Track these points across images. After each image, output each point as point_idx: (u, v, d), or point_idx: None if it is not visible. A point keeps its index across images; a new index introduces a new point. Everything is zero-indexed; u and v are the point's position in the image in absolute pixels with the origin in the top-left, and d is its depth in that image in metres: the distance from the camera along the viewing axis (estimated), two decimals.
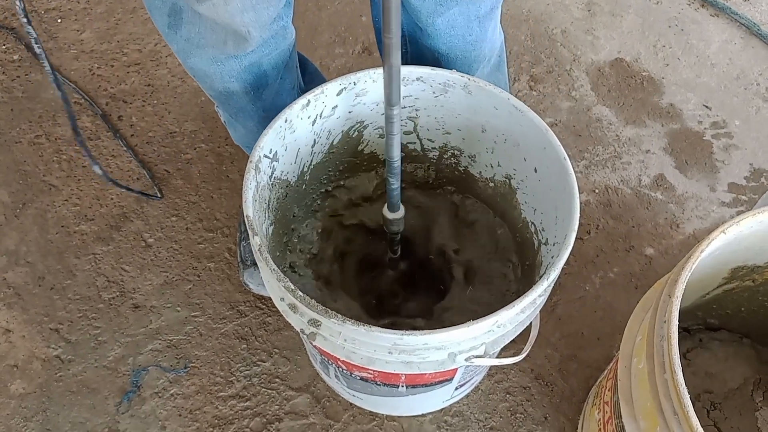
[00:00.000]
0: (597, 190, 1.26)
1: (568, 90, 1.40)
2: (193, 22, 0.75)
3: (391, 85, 0.65)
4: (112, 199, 1.23)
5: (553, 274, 0.69)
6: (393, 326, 0.73)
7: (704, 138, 1.34)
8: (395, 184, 0.78)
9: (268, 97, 0.91)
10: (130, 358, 1.08)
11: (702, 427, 0.59)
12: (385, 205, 0.84)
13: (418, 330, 0.64)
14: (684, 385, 0.61)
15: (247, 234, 1.09)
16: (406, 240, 0.95)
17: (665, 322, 0.65)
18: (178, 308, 1.12)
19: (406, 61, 0.87)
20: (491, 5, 0.88)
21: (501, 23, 0.98)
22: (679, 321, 0.95)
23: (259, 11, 0.74)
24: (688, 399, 0.60)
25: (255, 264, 1.08)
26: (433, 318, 0.95)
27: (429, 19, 0.85)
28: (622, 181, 1.28)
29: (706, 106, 1.38)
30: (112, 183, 0.96)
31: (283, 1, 0.78)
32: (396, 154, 0.74)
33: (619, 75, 1.42)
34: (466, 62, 0.92)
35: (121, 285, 1.14)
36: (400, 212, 0.84)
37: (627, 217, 1.23)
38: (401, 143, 0.94)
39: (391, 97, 0.67)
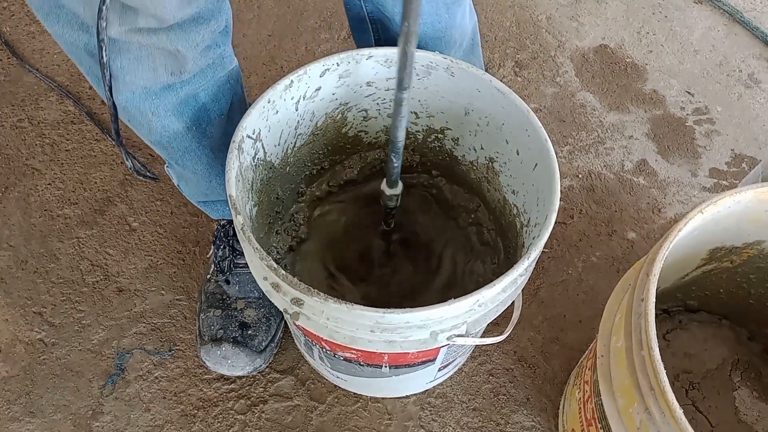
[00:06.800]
0: (580, 175, 1.27)
1: (553, 76, 1.40)
2: (113, 59, 0.69)
3: (404, 70, 0.66)
4: (95, 183, 1.23)
5: (534, 254, 0.69)
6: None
7: (686, 124, 1.35)
8: (397, 162, 0.79)
9: (214, 135, 0.85)
10: (114, 341, 1.08)
11: (680, 406, 0.60)
12: (384, 181, 0.85)
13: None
14: (660, 361, 0.61)
15: (207, 305, 1.05)
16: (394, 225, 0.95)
17: (643, 300, 0.66)
18: (163, 292, 1.12)
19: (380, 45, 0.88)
20: None
21: (483, 9, 0.97)
22: (659, 302, 0.96)
23: (187, 29, 0.69)
24: (665, 375, 0.61)
25: (213, 340, 1.01)
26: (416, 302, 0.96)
27: (394, 9, 0.84)
28: (605, 166, 1.29)
29: (689, 93, 1.39)
30: (140, 176, 0.93)
31: (220, 26, 0.73)
32: (401, 136, 0.74)
33: (603, 61, 1.43)
34: (437, 48, 0.91)
35: (105, 269, 1.14)
36: (398, 188, 0.85)
37: (610, 201, 1.24)
38: (384, 126, 0.95)
39: (402, 81, 0.67)
